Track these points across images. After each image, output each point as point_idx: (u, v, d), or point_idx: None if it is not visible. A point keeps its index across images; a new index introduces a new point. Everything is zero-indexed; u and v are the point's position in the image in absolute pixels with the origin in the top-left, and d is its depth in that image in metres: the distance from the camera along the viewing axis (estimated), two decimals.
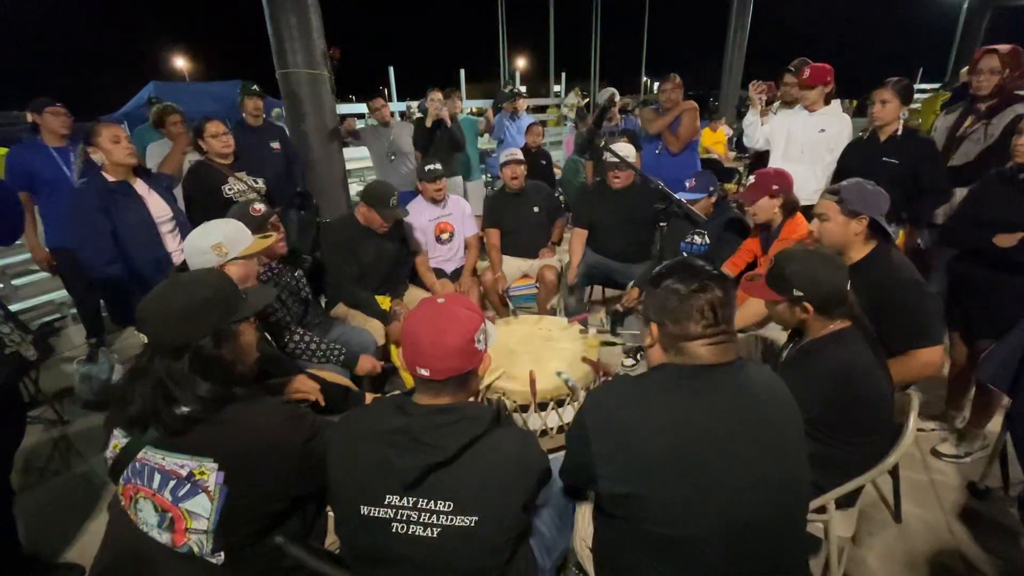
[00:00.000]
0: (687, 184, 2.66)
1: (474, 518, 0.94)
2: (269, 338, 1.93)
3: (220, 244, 1.61)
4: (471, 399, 1.11)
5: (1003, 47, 2.35)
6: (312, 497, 1.11)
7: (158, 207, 2.31)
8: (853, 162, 2.58)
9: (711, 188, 2.63)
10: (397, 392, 1.19)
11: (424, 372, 0.99)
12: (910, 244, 2.61)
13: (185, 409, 0.96)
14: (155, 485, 0.96)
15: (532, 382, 1.74)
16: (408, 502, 0.95)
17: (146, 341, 1.03)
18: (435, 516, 0.94)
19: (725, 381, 0.97)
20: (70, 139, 2.86)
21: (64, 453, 2.44)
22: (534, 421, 1.77)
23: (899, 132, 2.46)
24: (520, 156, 3.20)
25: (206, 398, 0.98)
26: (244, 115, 3.37)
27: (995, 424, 2.10)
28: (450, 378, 1.00)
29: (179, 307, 1.00)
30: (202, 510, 0.95)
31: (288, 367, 1.79)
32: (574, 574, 1.41)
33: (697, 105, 3.63)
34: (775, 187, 2.23)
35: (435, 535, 0.94)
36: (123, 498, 1.00)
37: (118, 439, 1.00)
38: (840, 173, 2.62)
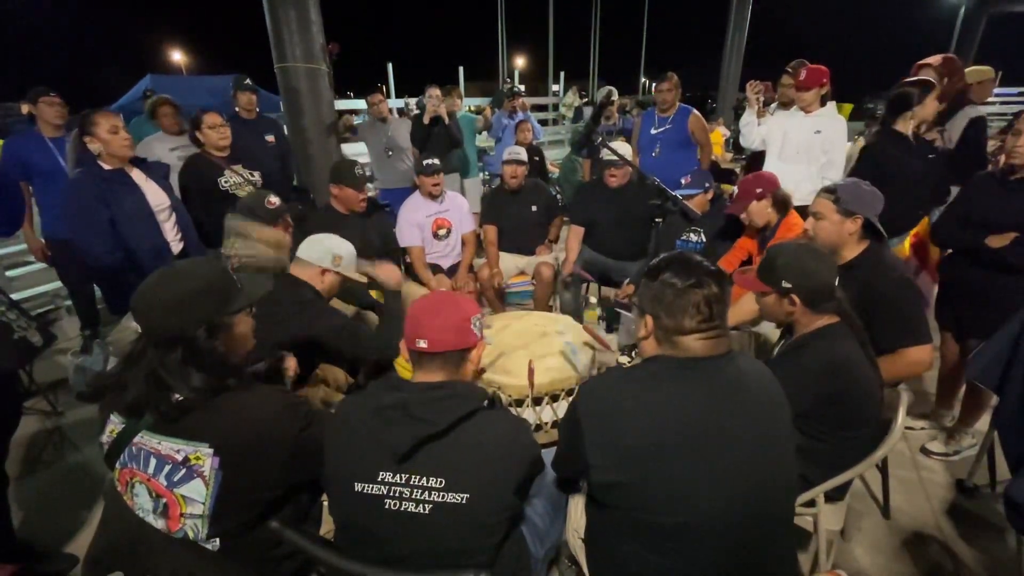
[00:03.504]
0: (683, 180, 2.68)
1: (465, 495, 0.95)
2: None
3: (341, 257, 1.85)
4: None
5: (934, 59, 2.45)
6: (306, 486, 1.12)
7: (155, 196, 2.30)
8: (891, 159, 2.48)
9: (707, 184, 2.65)
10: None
11: (422, 344, 1.03)
12: None
13: (179, 397, 0.97)
14: (150, 470, 0.96)
15: (531, 372, 1.75)
16: (401, 478, 0.97)
17: (139, 330, 1.04)
18: (427, 492, 0.96)
19: (716, 372, 0.99)
20: (66, 129, 2.84)
21: (58, 444, 2.44)
22: (528, 416, 1.78)
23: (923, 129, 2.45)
24: (523, 157, 3.20)
25: (200, 388, 0.98)
26: (237, 109, 3.37)
27: (983, 423, 2.13)
28: (446, 352, 1.04)
29: (171, 297, 1.00)
30: (197, 495, 0.95)
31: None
32: (566, 566, 1.42)
33: (698, 112, 3.64)
34: (759, 190, 2.25)
35: (427, 512, 0.96)
36: (119, 483, 1.01)
37: (114, 424, 1.01)
38: (871, 168, 2.51)
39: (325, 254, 1.81)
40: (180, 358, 0.98)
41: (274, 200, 2.05)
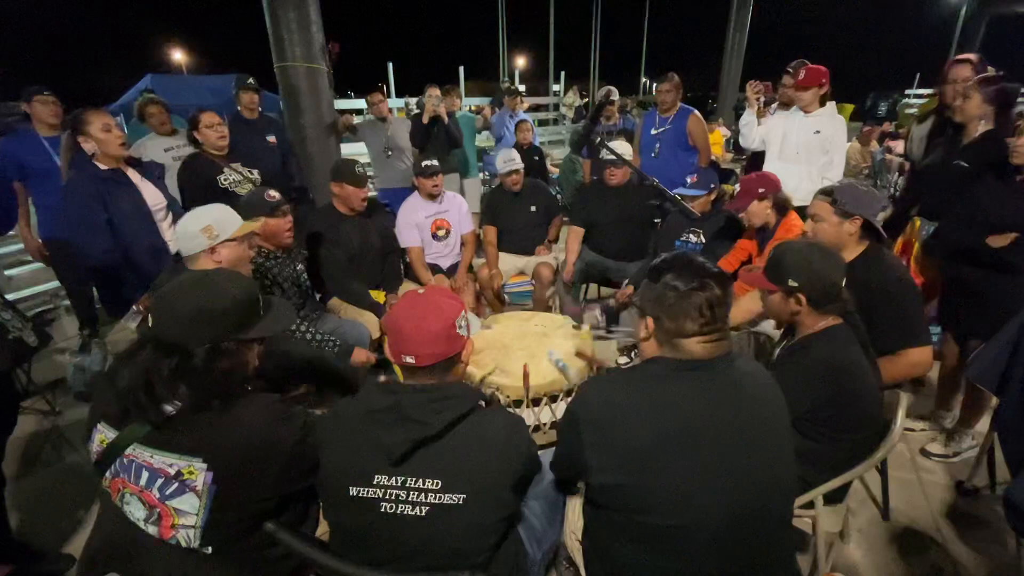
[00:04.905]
0: (689, 179, 2.67)
1: (462, 495, 0.95)
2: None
3: (210, 227, 1.63)
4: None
5: (972, 56, 2.38)
6: (302, 494, 1.11)
7: (152, 195, 2.30)
8: (927, 165, 2.41)
9: (712, 185, 2.65)
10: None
11: (409, 360, 1.01)
12: None
13: (170, 409, 0.95)
14: (142, 482, 0.95)
15: (525, 376, 1.75)
16: (396, 481, 0.96)
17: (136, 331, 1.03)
18: (423, 494, 0.95)
19: (716, 374, 0.98)
20: (62, 128, 2.84)
21: (56, 444, 2.43)
22: (527, 416, 1.78)
23: (978, 132, 2.20)
24: (518, 163, 3.19)
25: (184, 401, 0.96)
26: (239, 108, 3.36)
27: (983, 424, 2.12)
28: (435, 364, 1.02)
29: (192, 307, 0.97)
30: (190, 507, 0.94)
31: (281, 358, 1.80)
32: (564, 568, 1.42)
33: (699, 114, 3.63)
34: (761, 190, 2.25)
35: (423, 514, 0.95)
36: (111, 491, 1.00)
37: (103, 433, 0.99)
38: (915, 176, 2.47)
39: (194, 236, 1.62)
40: (172, 368, 0.95)
41: (273, 193, 2.08)
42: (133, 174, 2.27)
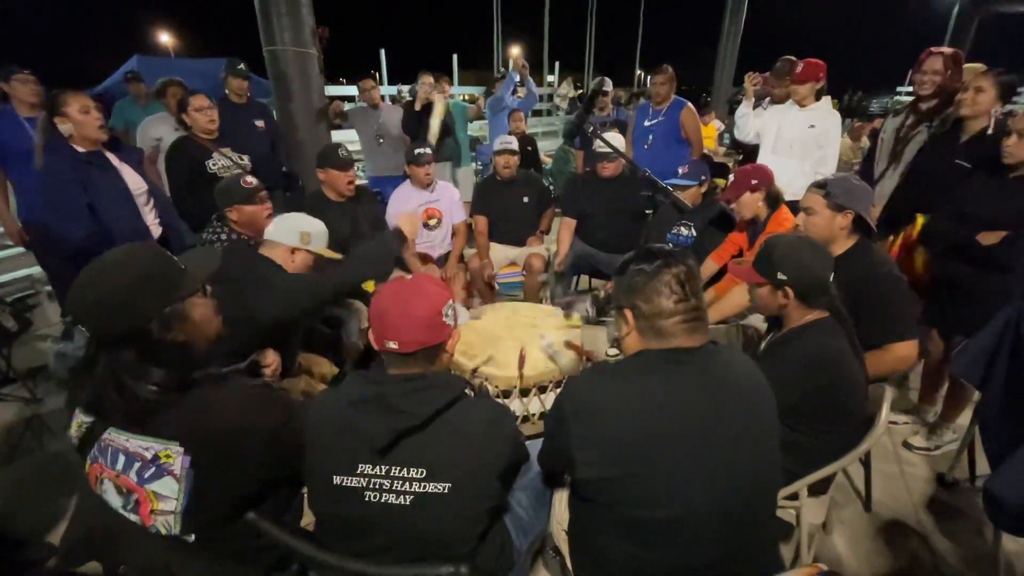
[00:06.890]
0: (680, 170, 2.66)
1: (447, 484, 0.94)
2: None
3: (308, 233, 1.80)
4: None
5: (947, 49, 2.37)
6: (286, 480, 1.09)
7: (133, 179, 2.24)
8: (925, 162, 2.34)
9: (702, 177, 2.64)
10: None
11: (392, 345, 0.99)
12: None
13: (147, 398, 0.92)
14: (119, 466, 0.93)
15: (521, 358, 1.73)
16: (380, 470, 0.95)
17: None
18: (408, 484, 0.94)
19: (701, 365, 0.98)
20: (41, 108, 2.76)
21: (37, 431, 2.39)
22: (516, 407, 1.77)
23: (989, 130, 2.12)
24: (515, 147, 3.17)
25: (163, 384, 0.92)
26: (227, 92, 3.30)
27: (965, 418, 2.16)
28: (418, 351, 1.00)
29: (109, 294, 0.91)
30: (169, 492, 0.92)
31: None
32: (551, 557, 1.42)
33: (692, 107, 3.61)
34: (754, 182, 2.24)
35: (408, 503, 0.94)
36: (89, 476, 0.98)
37: (81, 418, 0.96)
38: (913, 172, 2.42)
39: (291, 231, 1.76)
40: (136, 356, 0.91)
41: (250, 180, 2.04)
42: (112, 158, 2.21)
